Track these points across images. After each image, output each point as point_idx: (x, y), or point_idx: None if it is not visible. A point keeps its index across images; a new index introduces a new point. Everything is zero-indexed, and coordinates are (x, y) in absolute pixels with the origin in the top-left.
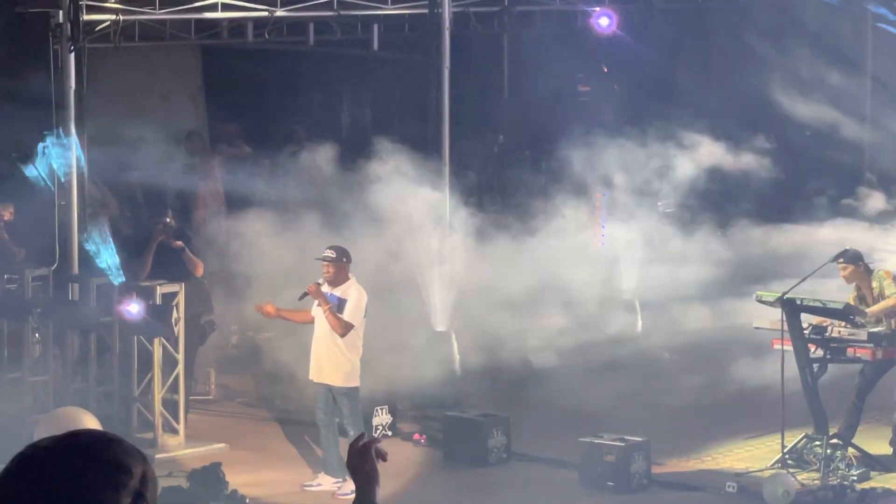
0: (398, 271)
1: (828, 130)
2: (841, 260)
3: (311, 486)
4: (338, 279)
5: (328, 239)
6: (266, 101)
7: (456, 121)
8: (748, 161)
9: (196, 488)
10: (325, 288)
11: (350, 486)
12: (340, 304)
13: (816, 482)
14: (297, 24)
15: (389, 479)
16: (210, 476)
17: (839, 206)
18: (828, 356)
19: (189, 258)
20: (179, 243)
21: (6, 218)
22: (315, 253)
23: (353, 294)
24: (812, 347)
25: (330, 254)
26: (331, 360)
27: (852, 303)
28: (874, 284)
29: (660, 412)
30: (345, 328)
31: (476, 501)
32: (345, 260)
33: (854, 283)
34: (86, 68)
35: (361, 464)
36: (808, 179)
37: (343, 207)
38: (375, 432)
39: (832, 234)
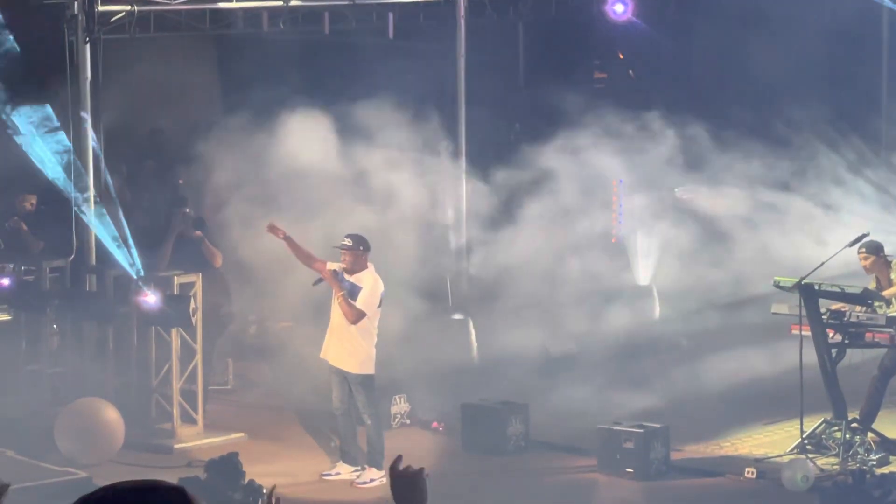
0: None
1: (843, 116)
2: (863, 250)
3: (329, 475)
4: (355, 267)
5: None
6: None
7: (471, 108)
8: (759, 147)
9: (214, 478)
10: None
11: (369, 474)
12: (353, 290)
13: (836, 467)
14: (312, 14)
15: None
16: (228, 466)
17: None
18: (846, 341)
19: (208, 248)
20: (198, 233)
21: (28, 208)
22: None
23: (368, 282)
24: (830, 332)
25: (347, 242)
26: (345, 347)
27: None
28: (893, 276)
29: (678, 398)
30: (356, 316)
31: (495, 489)
32: (362, 248)
33: (873, 275)
34: (101, 60)
35: (411, 493)
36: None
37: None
38: (394, 421)
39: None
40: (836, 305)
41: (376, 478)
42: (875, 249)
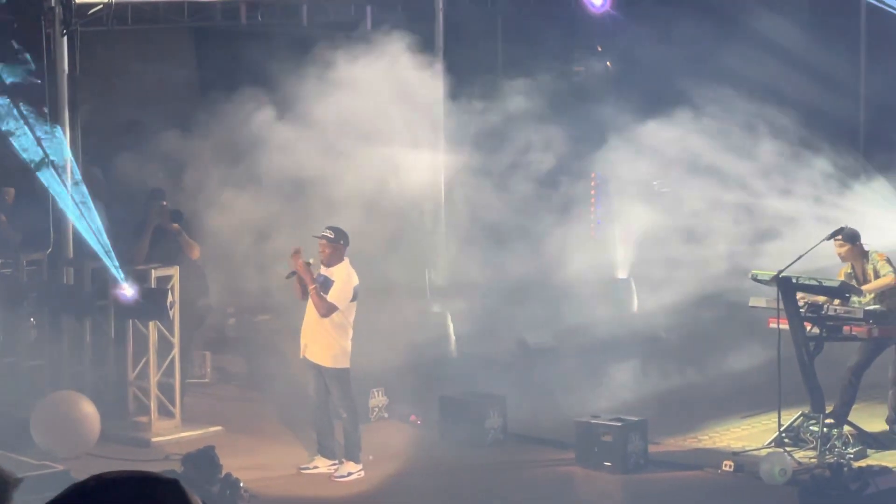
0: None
1: (821, 108)
2: (839, 238)
3: (307, 468)
4: (332, 260)
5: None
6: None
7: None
8: (739, 141)
9: (191, 472)
10: (320, 269)
11: (347, 468)
12: (326, 283)
13: (813, 460)
14: (290, 6)
15: (386, 461)
16: (205, 460)
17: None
18: (824, 334)
19: (185, 241)
20: (176, 226)
21: (8, 201)
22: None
23: (342, 275)
24: (808, 326)
25: (329, 234)
26: (320, 341)
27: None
28: (868, 267)
29: (656, 392)
30: (327, 309)
31: (472, 482)
32: (342, 242)
33: (848, 262)
34: (78, 52)
35: None
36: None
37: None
38: (371, 414)
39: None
40: (813, 298)
41: (354, 471)
42: (851, 238)
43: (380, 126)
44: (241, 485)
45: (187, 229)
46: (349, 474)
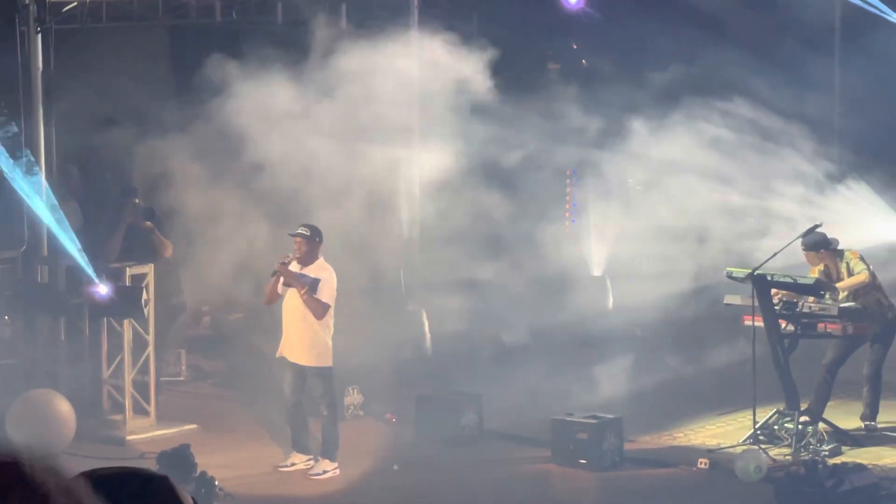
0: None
1: (796, 106)
2: (803, 247)
3: (285, 466)
4: (308, 258)
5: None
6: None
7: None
8: (715, 138)
9: (165, 470)
10: (294, 266)
11: (323, 465)
12: (314, 284)
13: (788, 457)
14: (265, 3)
15: (361, 459)
16: (179, 458)
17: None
18: (799, 332)
19: (158, 239)
20: (149, 224)
21: None
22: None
23: (326, 275)
24: (783, 323)
25: (304, 231)
26: (304, 341)
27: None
28: (842, 265)
29: (632, 389)
30: (323, 310)
31: (448, 480)
32: (318, 240)
33: (820, 266)
34: (53, 50)
35: None
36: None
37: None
38: (347, 412)
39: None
40: (788, 295)
41: (329, 469)
42: (814, 246)
43: (354, 122)
44: (217, 483)
45: (160, 227)
46: (324, 472)
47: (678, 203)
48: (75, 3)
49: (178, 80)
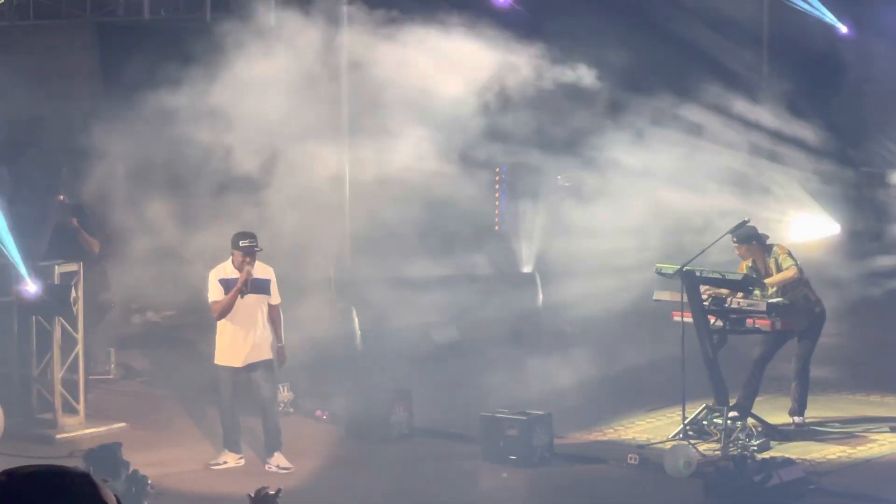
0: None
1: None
2: (734, 240)
3: (217, 464)
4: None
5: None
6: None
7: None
8: (646, 133)
9: (92, 468)
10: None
11: (282, 460)
12: (265, 284)
13: (717, 453)
14: (193, 1)
15: (292, 457)
16: (107, 455)
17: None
18: (727, 327)
19: (84, 237)
20: (74, 221)
21: None
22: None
23: (272, 274)
24: (712, 319)
25: (256, 244)
26: (264, 339)
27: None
28: (770, 261)
29: (562, 385)
30: (279, 306)
31: (378, 477)
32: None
33: (749, 259)
34: None
35: None
36: None
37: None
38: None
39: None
40: (710, 290)
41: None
42: (745, 238)
43: (282, 119)
44: (149, 482)
45: (88, 225)
46: (287, 468)
47: (608, 200)
48: (2, 1)
49: (106, 77)
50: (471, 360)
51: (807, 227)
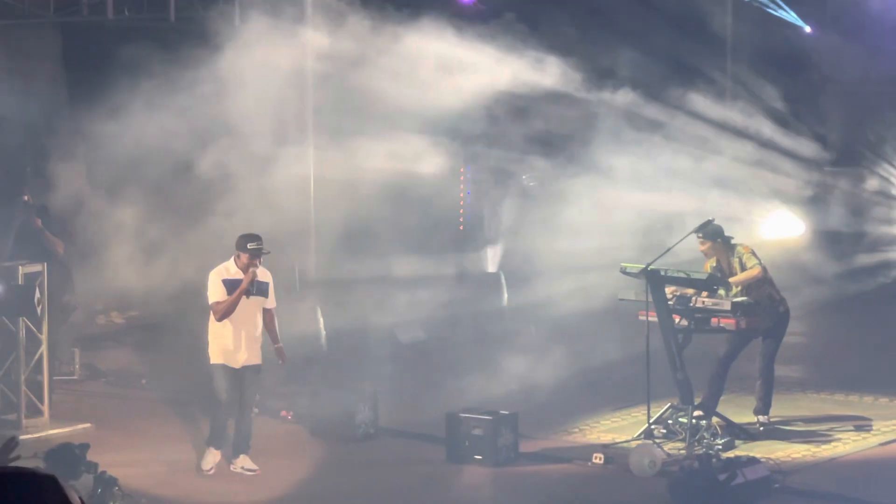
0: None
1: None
2: (700, 235)
3: (211, 467)
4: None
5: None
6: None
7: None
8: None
9: (53, 468)
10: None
11: (248, 462)
12: (265, 287)
13: (682, 452)
14: (157, 1)
15: (256, 457)
16: (66, 455)
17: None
18: (692, 326)
19: (47, 237)
20: (38, 222)
21: None
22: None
23: (270, 277)
24: (677, 318)
25: (266, 248)
26: (258, 343)
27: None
28: (734, 260)
29: (527, 385)
30: (274, 308)
31: (343, 477)
32: None
33: (713, 258)
34: None
35: None
36: None
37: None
38: None
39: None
40: (674, 289)
41: (248, 465)
42: (712, 235)
43: (247, 118)
44: (117, 482)
45: (51, 225)
46: (253, 469)
47: (574, 199)
48: None
49: (69, 77)
50: (436, 360)
51: (772, 226)
